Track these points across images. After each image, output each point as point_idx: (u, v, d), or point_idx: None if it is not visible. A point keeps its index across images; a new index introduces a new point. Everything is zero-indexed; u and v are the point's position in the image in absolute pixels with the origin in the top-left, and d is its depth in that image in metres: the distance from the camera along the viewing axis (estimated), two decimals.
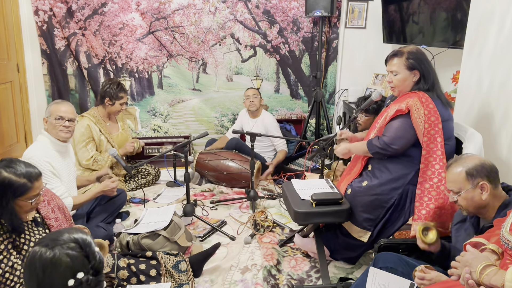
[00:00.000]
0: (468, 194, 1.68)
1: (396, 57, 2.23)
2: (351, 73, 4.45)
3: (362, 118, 3.15)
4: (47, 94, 4.29)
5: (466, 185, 1.68)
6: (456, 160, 1.76)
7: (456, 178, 1.71)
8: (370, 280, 1.83)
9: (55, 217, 1.95)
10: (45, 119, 2.50)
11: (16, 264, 1.67)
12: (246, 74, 4.55)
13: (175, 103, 4.54)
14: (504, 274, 1.30)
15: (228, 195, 3.57)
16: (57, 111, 2.48)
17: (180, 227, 2.55)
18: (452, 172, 1.73)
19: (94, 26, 4.17)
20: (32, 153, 2.37)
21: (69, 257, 1.13)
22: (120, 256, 2.19)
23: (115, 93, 3.39)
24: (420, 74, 2.20)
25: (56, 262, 1.11)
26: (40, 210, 1.91)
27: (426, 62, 2.22)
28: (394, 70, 2.23)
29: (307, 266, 2.51)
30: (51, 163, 2.41)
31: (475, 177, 1.67)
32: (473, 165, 1.69)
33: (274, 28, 4.38)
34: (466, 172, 1.69)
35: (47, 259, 1.11)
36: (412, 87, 2.23)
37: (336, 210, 2.25)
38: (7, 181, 1.65)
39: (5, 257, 1.64)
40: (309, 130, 4.62)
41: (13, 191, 1.66)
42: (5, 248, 1.66)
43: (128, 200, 3.33)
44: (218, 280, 2.36)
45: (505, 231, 1.40)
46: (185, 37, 4.32)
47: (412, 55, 2.20)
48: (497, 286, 1.30)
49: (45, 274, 1.10)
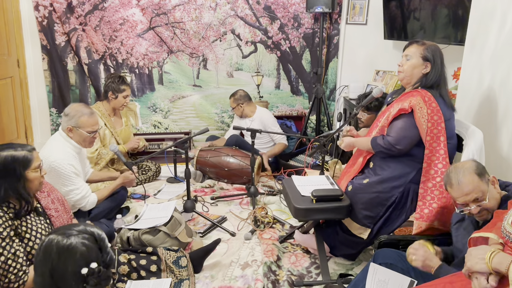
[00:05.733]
0: (490, 194, 1.63)
1: (416, 44, 2.25)
2: (352, 70, 4.44)
3: (364, 116, 3.14)
4: (48, 90, 4.29)
5: (484, 186, 1.63)
6: (456, 172, 1.67)
7: (474, 186, 1.63)
8: (370, 276, 1.83)
9: (55, 207, 1.99)
10: (69, 128, 2.49)
11: (18, 251, 1.70)
12: (246, 70, 4.54)
13: (175, 99, 4.54)
14: (506, 257, 1.29)
15: (228, 191, 3.57)
16: (89, 125, 2.52)
17: (180, 223, 2.56)
18: (465, 182, 1.64)
19: (94, 22, 4.16)
20: (54, 157, 2.39)
21: (85, 246, 1.17)
22: (120, 251, 2.20)
23: (117, 86, 3.42)
24: (430, 68, 2.20)
25: (72, 250, 1.15)
26: (41, 200, 1.94)
27: (440, 60, 2.22)
28: (409, 54, 2.23)
29: (307, 262, 2.52)
30: (74, 165, 2.47)
31: (484, 175, 1.66)
32: (476, 166, 1.67)
33: (275, 24, 4.37)
34: (477, 174, 1.64)
35: (64, 246, 1.15)
36: (418, 78, 2.23)
37: (336, 206, 2.26)
38: (9, 157, 1.73)
39: (7, 244, 1.67)
40: (310, 126, 4.62)
41: (20, 164, 1.75)
42: (7, 235, 1.68)
43: (129, 196, 3.34)
44: (219, 275, 2.37)
45: (507, 223, 1.39)
46: (186, 33, 4.31)
47: (431, 48, 2.21)
48: (500, 270, 1.29)
49: (60, 260, 1.13)
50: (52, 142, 2.51)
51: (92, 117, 2.54)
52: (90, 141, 2.58)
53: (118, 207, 2.94)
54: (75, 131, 2.50)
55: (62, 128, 2.53)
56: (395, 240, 2.10)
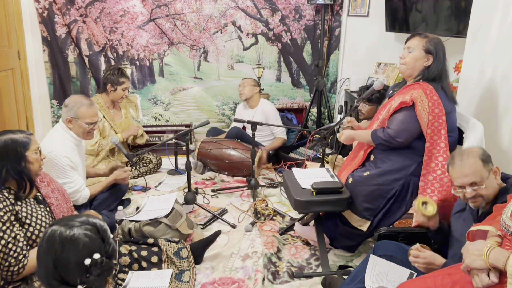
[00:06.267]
0: (489, 182, 1.64)
1: (418, 36, 2.24)
2: (353, 62, 4.43)
3: (365, 107, 3.14)
4: (48, 82, 4.29)
5: (485, 172, 1.64)
6: (461, 154, 1.70)
7: (475, 169, 1.64)
8: (370, 268, 1.84)
9: (55, 197, 2.02)
10: (69, 119, 2.49)
11: (18, 236, 1.74)
12: (247, 63, 4.53)
13: (176, 91, 4.53)
14: (503, 252, 1.30)
15: (229, 184, 3.58)
16: (88, 116, 2.52)
17: (181, 215, 2.57)
18: (468, 164, 1.65)
19: (95, 13, 4.15)
20: (51, 148, 2.39)
21: (88, 237, 1.18)
22: (121, 242, 2.21)
23: (116, 78, 3.42)
24: (432, 61, 2.19)
25: (75, 241, 1.16)
26: (41, 189, 1.98)
27: (442, 53, 2.21)
28: (412, 47, 2.23)
29: (307, 254, 2.53)
30: (70, 157, 2.46)
31: (488, 162, 1.66)
32: (482, 152, 1.67)
33: (276, 16, 4.35)
34: (481, 159, 1.65)
35: (67, 237, 1.16)
36: (420, 71, 2.22)
37: (337, 199, 2.27)
38: (9, 140, 1.79)
39: (8, 228, 1.71)
40: (310, 119, 4.62)
41: (20, 145, 1.81)
42: (8, 220, 1.72)
43: (130, 188, 3.35)
44: (219, 267, 2.38)
45: (506, 216, 1.39)
46: (186, 24, 4.29)
47: (434, 41, 2.21)
48: (497, 266, 1.29)
49: (63, 251, 1.14)
50: (52, 134, 2.52)
51: (91, 108, 2.54)
52: (89, 133, 2.57)
53: (119, 199, 2.96)
54: (74, 122, 2.50)
55: (62, 120, 2.54)
56: (394, 233, 2.11)
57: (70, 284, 1.15)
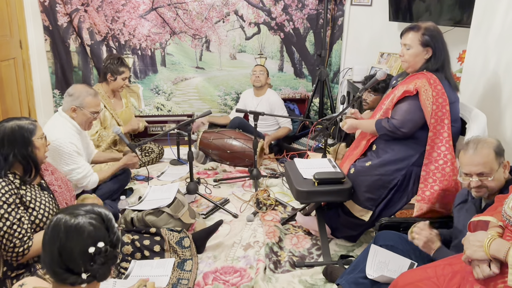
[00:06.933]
0: (497, 175, 1.63)
1: (412, 31, 2.20)
2: (356, 52, 4.40)
3: (370, 97, 3.13)
4: (50, 71, 4.28)
5: (496, 165, 1.63)
6: (476, 142, 1.67)
7: (487, 160, 1.62)
8: (371, 257, 1.85)
9: (58, 185, 2.05)
10: (74, 108, 2.52)
11: (23, 218, 1.78)
12: (249, 52, 4.50)
13: (178, 81, 4.52)
14: (504, 243, 1.30)
15: (231, 174, 3.59)
16: (93, 105, 2.57)
17: (183, 205, 2.59)
18: (481, 154, 1.63)
19: (96, 2, 4.12)
20: (55, 136, 2.40)
21: (92, 226, 1.18)
22: (124, 232, 2.23)
23: (116, 68, 3.42)
24: (433, 52, 2.17)
25: (80, 229, 1.17)
26: (45, 177, 2.02)
27: (440, 41, 2.18)
28: (408, 44, 2.20)
29: (308, 244, 2.55)
30: (75, 143, 2.49)
31: (501, 156, 1.65)
32: (497, 145, 1.66)
33: (279, 5, 4.31)
34: (495, 151, 1.63)
35: (72, 225, 1.17)
36: (422, 64, 2.21)
37: (338, 189, 2.27)
38: (16, 126, 1.84)
39: (13, 210, 1.75)
40: (313, 109, 4.61)
41: (26, 131, 1.85)
42: (13, 202, 1.76)
43: (132, 178, 3.36)
44: (221, 256, 2.40)
45: (508, 207, 1.39)
46: (188, 13, 4.26)
47: (429, 31, 2.16)
48: (498, 257, 1.30)
49: (68, 239, 1.15)
50: (53, 122, 2.53)
51: (96, 98, 2.59)
52: (90, 123, 2.62)
53: (122, 188, 2.98)
54: (79, 111, 2.52)
55: (64, 109, 2.54)
56: (396, 223, 2.12)
57: (74, 272, 1.16)
